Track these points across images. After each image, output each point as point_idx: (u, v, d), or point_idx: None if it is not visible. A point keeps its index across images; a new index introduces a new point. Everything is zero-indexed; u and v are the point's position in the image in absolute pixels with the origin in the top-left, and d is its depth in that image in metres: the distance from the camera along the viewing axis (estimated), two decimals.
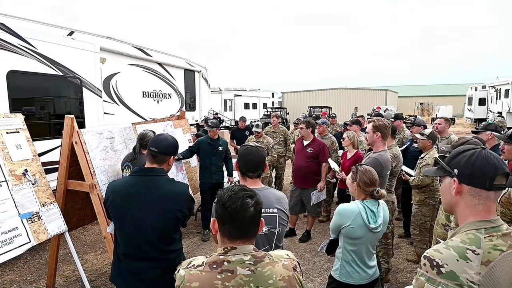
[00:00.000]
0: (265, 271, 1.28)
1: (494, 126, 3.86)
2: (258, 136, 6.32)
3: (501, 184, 1.19)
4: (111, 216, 2.22)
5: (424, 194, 4.35)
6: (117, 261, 2.21)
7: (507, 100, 19.02)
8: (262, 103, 29.34)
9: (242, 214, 1.30)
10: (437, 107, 31.39)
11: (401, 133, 6.11)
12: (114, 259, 2.24)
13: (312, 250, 4.93)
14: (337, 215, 2.50)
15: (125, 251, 2.15)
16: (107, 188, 2.26)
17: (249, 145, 2.15)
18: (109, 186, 2.25)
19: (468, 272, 1.08)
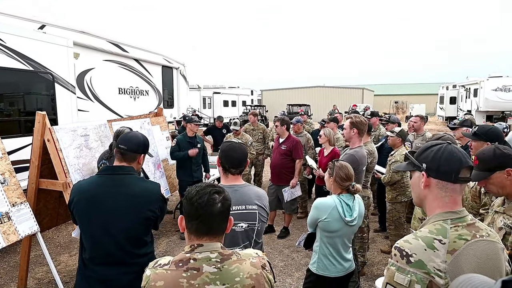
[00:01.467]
0: (232, 268, 1.26)
1: (470, 122, 4.02)
2: (236, 134, 6.32)
3: (465, 177, 1.25)
4: (76, 218, 2.07)
5: (396, 192, 4.49)
6: (82, 268, 2.06)
7: (476, 99, 19.79)
8: (241, 101, 29.27)
9: (208, 209, 1.28)
10: (411, 106, 32.28)
11: (377, 130, 6.27)
12: (80, 266, 2.09)
13: (291, 246, 4.99)
14: (314, 209, 2.55)
15: (92, 256, 2.01)
16: (72, 189, 2.12)
17: (232, 141, 2.13)
18: (75, 187, 2.11)
19: (435, 261, 1.13)
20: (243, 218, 1.96)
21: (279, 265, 4.41)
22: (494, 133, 2.68)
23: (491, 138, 2.57)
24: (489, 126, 2.91)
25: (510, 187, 1.77)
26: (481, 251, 1.19)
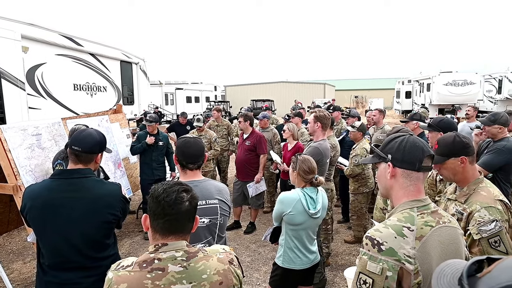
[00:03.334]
0: (199, 266, 1.24)
1: (419, 116, 4.24)
2: (200, 130, 6.22)
3: (427, 165, 1.32)
4: (30, 224, 1.95)
5: (358, 183, 4.65)
6: (41, 274, 1.96)
7: (429, 93, 20.91)
8: (204, 97, 28.91)
9: (176, 208, 1.25)
10: (370, 100, 33.50)
11: (339, 124, 6.43)
12: (38, 272, 1.99)
13: (257, 240, 5.01)
14: (278, 203, 2.57)
15: (51, 262, 1.91)
16: (23, 193, 1.98)
17: (187, 137, 2.11)
18: (26, 192, 1.97)
19: (405, 248, 1.18)
20: (204, 213, 1.94)
21: (246, 260, 4.42)
22: (446, 123, 2.84)
23: (443, 128, 2.72)
24: (441, 117, 3.08)
25: (461, 174, 1.86)
26: (445, 237, 1.25)
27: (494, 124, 3.30)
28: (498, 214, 1.66)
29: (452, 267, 0.75)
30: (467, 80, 19.55)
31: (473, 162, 1.87)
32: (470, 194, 1.80)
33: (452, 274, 0.72)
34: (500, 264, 0.62)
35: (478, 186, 1.81)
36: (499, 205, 1.70)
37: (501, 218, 1.65)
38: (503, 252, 1.60)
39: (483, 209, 1.69)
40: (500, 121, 3.29)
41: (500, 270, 0.60)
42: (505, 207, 1.73)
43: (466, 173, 1.85)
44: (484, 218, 1.66)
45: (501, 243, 1.61)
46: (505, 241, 1.62)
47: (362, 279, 1.20)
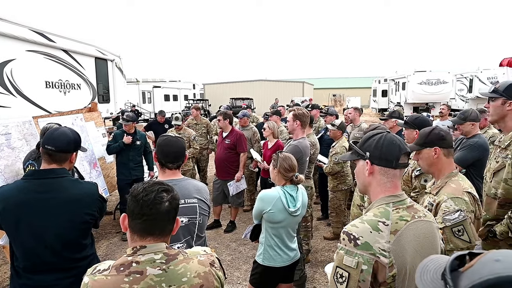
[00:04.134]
0: (179, 269, 1.21)
1: (398, 113, 4.33)
2: (178, 129, 6.14)
3: (404, 162, 1.35)
4: (2, 227, 1.88)
5: (337, 180, 4.71)
6: (15, 277, 1.90)
7: (404, 92, 21.47)
8: (183, 95, 28.57)
9: (155, 207, 1.21)
10: (347, 98, 34.07)
11: (317, 122, 6.49)
12: (12, 275, 1.93)
13: (238, 239, 4.99)
14: (258, 201, 2.56)
15: (26, 265, 1.85)
16: None
17: (168, 136, 2.09)
18: None
19: (380, 242, 1.20)
20: (182, 212, 1.90)
21: (226, 259, 4.39)
22: (421, 121, 2.93)
23: (419, 126, 2.80)
24: (417, 115, 3.18)
25: (435, 166, 1.91)
26: (420, 231, 1.28)
27: (465, 121, 3.43)
28: (463, 205, 1.71)
29: (435, 263, 0.76)
30: (440, 79, 20.21)
31: (449, 155, 1.91)
32: (442, 187, 1.86)
33: (435, 269, 0.74)
34: (482, 258, 0.63)
35: (450, 179, 1.87)
36: (466, 196, 1.75)
37: (466, 209, 1.70)
38: (466, 241, 1.66)
39: (449, 200, 1.74)
40: (471, 118, 3.42)
41: (482, 264, 0.61)
42: (473, 199, 1.78)
43: (441, 166, 1.90)
44: (449, 208, 1.71)
45: (464, 232, 1.67)
46: (469, 230, 1.67)
47: (339, 273, 1.22)
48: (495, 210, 2.33)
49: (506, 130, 2.33)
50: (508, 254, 0.62)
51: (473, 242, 1.68)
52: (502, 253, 0.63)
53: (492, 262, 0.60)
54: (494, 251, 0.64)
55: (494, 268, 0.58)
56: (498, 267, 0.58)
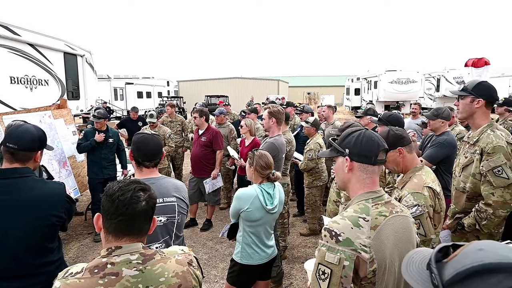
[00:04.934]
0: (156, 269, 1.18)
1: (372, 111, 4.44)
2: (153, 126, 6.01)
3: (382, 159, 1.37)
4: None
5: (312, 177, 4.77)
6: None
7: (376, 91, 22.05)
8: (157, 92, 28.02)
9: (131, 207, 1.18)
10: (322, 97, 34.59)
11: (292, 120, 6.54)
12: None
13: (214, 237, 4.96)
14: (236, 200, 2.54)
15: None
16: None
17: (144, 133, 2.03)
18: None
19: (361, 237, 1.22)
20: (161, 211, 1.87)
21: (203, 257, 4.35)
22: (394, 118, 3.02)
23: (392, 123, 2.88)
24: (390, 113, 3.28)
25: (402, 164, 1.98)
26: (397, 225, 1.31)
27: (437, 118, 3.56)
28: (422, 200, 1.77)
29: (420, 254, 0.78)
30: (410, 78, 20.89)
31: (411, 151, 1.99)
32: (406, 182, 1.93)
33: (420, 260, 0.75)
34: (465, 249, 0.66)
35: (414, 174, 1.93)
36: (426, 191, 1.81)
37: (424, 204, 1.76)
38: (421, 234, 1.72)
39: (409, 195, 1.80)
40: (443, 116, 3.55)
41: (465, 254, 0.63)
42: (433, 193, 1.84)
43: (407, 163, 1.97)
44: (408, 202, 1.78)
45: (421, 226, 1.73)
46: (425, 225, 1.74)
47: (321, 269, 1.22)
48: (463, 203, 2.43)
49: (474, 127, 2.42)
50: (490, 244, 0.64)
51: (428, 236, 1.74)
52: (484, 243, 0.65)
53: (475, 251, 0.62)
54: (477, 241, 0.67)
55: (477, 256, 0.60)
56: (481, 256, 0.60)
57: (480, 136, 2.32)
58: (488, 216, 2.24)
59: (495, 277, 0.55)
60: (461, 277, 0.59)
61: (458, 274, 0.60)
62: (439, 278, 0.63)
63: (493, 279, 0.55)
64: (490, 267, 0.57)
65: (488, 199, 2.24)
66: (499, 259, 0.58)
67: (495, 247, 0.62)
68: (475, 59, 17.29)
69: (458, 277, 0.60)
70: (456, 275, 0.60)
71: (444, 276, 0.63)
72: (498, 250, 0.61)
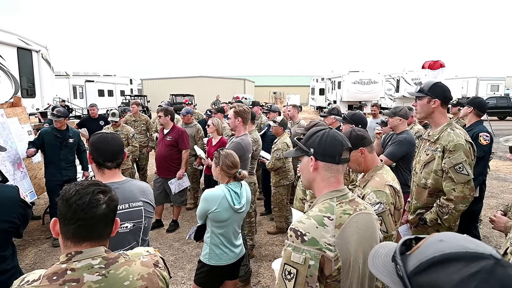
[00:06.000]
0: (120, 272, 1.14)
1: (336, 110, 4.56)
2: (115, 126, 5.82)
3: (346, 158, 1.40)
4: None
5: (279, 176, 4.82)
6: None
7: (339, 91, 22.66)
8: (119, 90, 27.08)
9: (90, 212, 1.12)
10: (287, 96, 35.06)
11: (259, 119, 6.58)
12: None
13: (181, 238, 4.88)
14: (203, 201, 2.51)
15: None
16: None
17: (101, 133, 1.93)
18: None
19: (326, 236, 1.23)
20: (127, 217, 1.80)
21: (169, 259, 4.27)
22: (357, 117, 3.13)
23: (356, 121, 2.98)
24: (354, 112, 3.38)
25: (364, 164, 2.06)
26: (361, 223, 1.34)
27: (395, 115, 3.73)
28: (384, 198, 1.85)
29: (385, 248, 0.81)
30: (371, 79, 21.66)
31: (372, 151, 2.07)
32: (368, 180, 2.00)
33: (385, 254, 0.78)
34: (427, 240, 0.69)
35: (376, 173, 2.01)
36: (387, 189, 1.90)
37: (386, 201, 1.84)
38: (384, 231, 1.80)
39: (372, 193, 1.88)
40: (400, 114, 3.73)
41: (427, 246, 0.67)
42: (393, 191, 1.93)
43: (368, 162, 2.05)
44: (371, 200, 1.85)
45: (383, 223, 1.81)
46: (387, 221, 1.83)
47: (287, 270, 1.23)
48: (425, 199, 2.54)
49: (434, 126, 2.55)
50: (450, 235, 0.68)
51: (389, 232, 1.83)
52: (445, 234, 0.69)
53: (436, 242, 0.66)
54: (438, 233, 0.71)
55: (439, 247, 0.64)
56: (442, 246, 0.63)
57: (441, 135, 2.44)
58: (450, 211, 2.36)
59: (454, 265, 0.58)
60: (424, 267, 0.63)
61: (421, 264, 0.63)
62: (403, 269, 0.66)
63: (453, 267, 0.58)
64: (450, 256, 0.60)
65: (449, 194, 2.36)
66: (458, 249, 0.61)
67: (455, 238, 0.66)
68: (431, 61, 18.24)
69: (421, 267, 0.63)
70: (420, 265, 0.63)
71: (408, 267, 0.66)
72: (457, 240, 0.64)
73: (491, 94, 23.99)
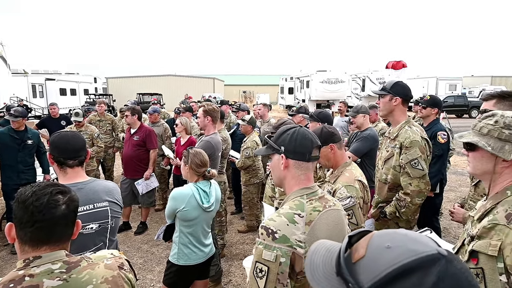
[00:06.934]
0: (82, 276, 1.10)
1: (304, 109, 4.64)
2: (79, 126, 5.59)
3: (316, 155, 1.42)
4: None
5: (249, 175, 4.84)
6: None
7: (308, 90, 23.03)
8: (82, 89, 26.05)
9: (49, 213, 1.08)
10: (257, 95, 35.18)
11: (228, 118, 6.56)
12: None
13: (150, 240, 4.78)
14: (171, 200, 2.48)
15: None
16: None
17: (61, 131, 1.87)
18: None
19: (296, 233, 1.25)
20: (92, 218, 1.74)
21: (138, 262, 4.17)
22: (324, 115, 3.21)
23: (322, 119, 3.05)
24: (321, 110, 3.47)
25: (333, 160, 2.13)
26: (330, 219, 1.36)
27: (358, 114, 3.88)
28: (354, 192, 1.94)
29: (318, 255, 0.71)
30: (339, 78, 22.17)
31: (341, 148, 2.15)
32: (338, 176, 2.08)
33: (323, 263, 0.68)
34: (372, 247, 0.61)
35: (345, 169, 2.10)
36: (357, 184, 1.99)
37: (356, 195, 1.93)
38: (354, 224, 1.88)
39: (343, 188, 1.97)
40: (362, 111, 3.92)
41: (375, 255, 0.59)
42: (362, 186, 2.03)
43: (337, 158, 2.13)
44: (342, 194, 1.93)
45: (353, 216, 1.90)
46: (357, 214, 1.92)
47: (259, 267, 1.23)
48: (385, 194, 2.67)
49: (394, 123, 2.66)
50: (393, 236, 0.61)
51: (359, 224, 1.91)
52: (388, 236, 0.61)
53: (384, 250, 0.58)
54: (379, 233, 0.63)
55: (391, 257, 0.56)
56: (394, 256, 0.56)
57: (399, 132, 2.56)
58: (407, 204, 2.48)
59: (414, 276, 0.53)
60: (382, 283, 0.55)
61: (379, 281, 0.55)
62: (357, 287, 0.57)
63: (413, 278, 0.53)
64: (406, 268, 0.54)
65: (406, 188, 2.49)
66: (411, 256, 0.54)
67: (401, 241, 0.58)
68: (394, 62, 18.95)
69: (379, 284, 0.55)
70: (377, 282, 0.55)
71: (362, 284, 0.57)
72: (405, 244, 0.57)
73: (449, 93, 25.31)
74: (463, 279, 0.54)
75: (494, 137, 1.27)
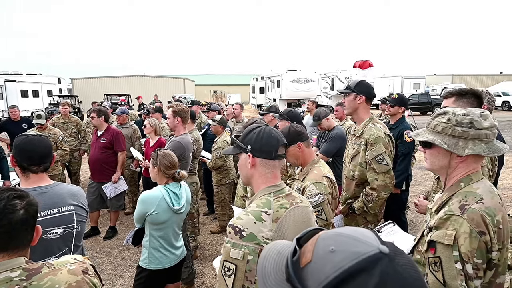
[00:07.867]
0: (44, 283, 1.07)
1: (275, 108, 4.69)
2: (41, 129, 5.35)
3: (282, 153, 1.45)
4: None
5: (221, 175, 4.83)
6: None
7: (279, 89, 23.25)
8: (45, 90, 24.92)
9: (6, 218, 1.05)
10: (228, 95, 35.09)
11: (199, 118, 6.51)
12: None
13: (119, 245, 4.66)
14: (140, 204, 2.43)
15: None
16: None
17: (27, 134, 1.79)
18: None
19: (263, 231, 1.26)
20: (56, 223, 1.70)
21: (107, 267, 4.06)
22: (293, 114, 3.28)
23: (291, 118, 3.11)
24: (290, 109, 3.56)
25: (302, 158, 2.18)
26: (297, 216, 1.39)
27: (320, 120, 4.02)
28: (323, 188, 2.00)
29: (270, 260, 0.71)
30: (308, 78, 22.54)
31: (308, 146, 2.21)
32: (307, 173, 2.13)
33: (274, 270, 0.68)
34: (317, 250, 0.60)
35: (313, 166, 2.16)
36: (325, 181, 2.05)
37: (324, 192, 1.99)
38: (323, 219, 1.95)
39: (312, 185, 2.02)
40: (323, 115, 4.16)
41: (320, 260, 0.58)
42: (330, 182, 2.10)
43: (305, 156, 2.18)
44: (311, 191, 1.99)
45: (323, 212, 1.96)
46: (326, 210, 1.98)
47: (226, 266, 1.24)
48: (353, 190, 2.74)
49: (358, 121, 2.75)
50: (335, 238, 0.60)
51: (329, 220, 1.98)
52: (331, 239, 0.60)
53: (328, 254, 0.58)
54: (322, 235, 0.63)
55: (335, 261, 0.56)
56: (338, 260, 0.56)
57: (364, 129, 2.65)
58: (374, 199, 2.57)
59: (358, 279, 0.53)
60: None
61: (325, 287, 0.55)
62: None
63: (357, 281, 0.53)
64: (350, 272, 0.54)
65: (373, 184, 2.58)
66: (354, 259, 0.54)
67: (344, 244, 0.58)
68: (361, 61, 19.41)
69: None
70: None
71: None
72: (348, 247, 0.57)
73: (413, 92, 26.36)
74: (406, 275, 0.53)
75: (448, 135, 1.35)
